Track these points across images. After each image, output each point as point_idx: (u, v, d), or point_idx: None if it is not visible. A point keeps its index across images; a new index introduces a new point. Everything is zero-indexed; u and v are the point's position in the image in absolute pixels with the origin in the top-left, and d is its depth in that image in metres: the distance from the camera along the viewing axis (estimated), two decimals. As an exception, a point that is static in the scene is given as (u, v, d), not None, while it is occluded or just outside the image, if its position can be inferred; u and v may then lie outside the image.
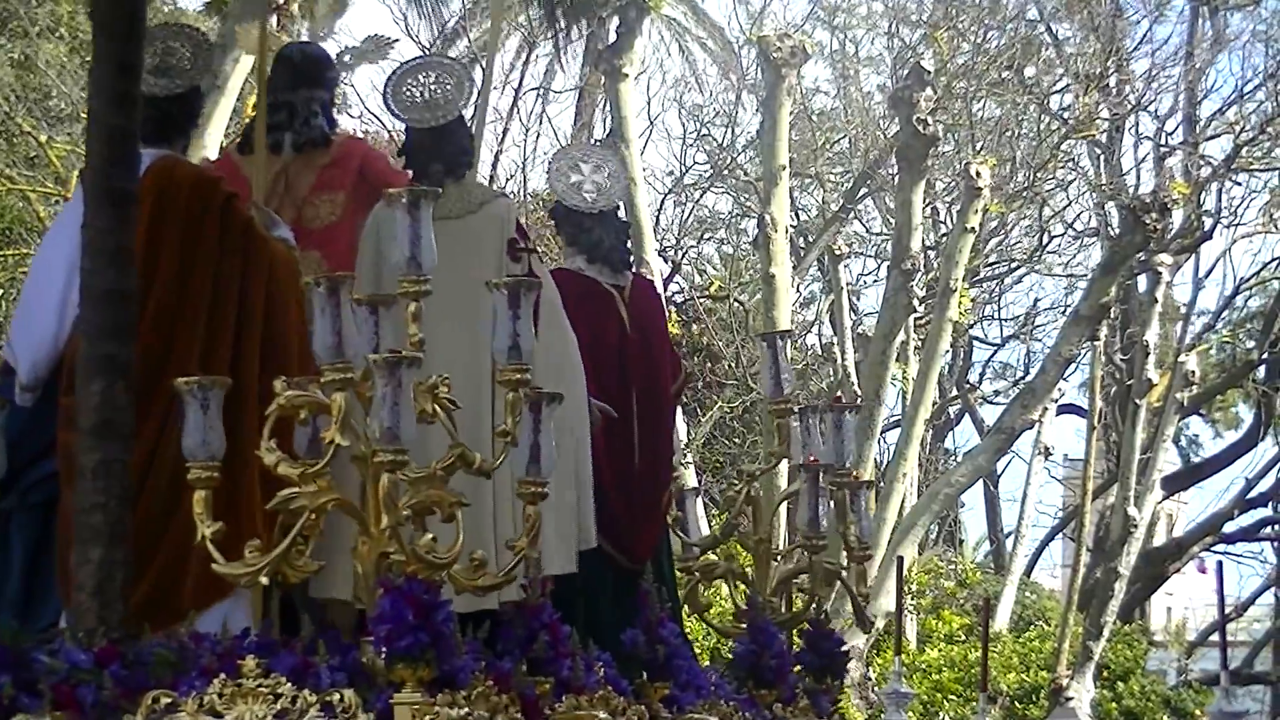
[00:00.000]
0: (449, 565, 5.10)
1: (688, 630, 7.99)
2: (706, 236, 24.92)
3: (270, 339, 5.89)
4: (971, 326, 26.26)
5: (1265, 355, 25.15)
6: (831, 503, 7.35)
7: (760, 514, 7.44)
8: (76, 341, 5.68)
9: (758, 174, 20.30)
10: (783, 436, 7.41)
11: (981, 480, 23.17)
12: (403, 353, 5.11)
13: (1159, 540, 26.11)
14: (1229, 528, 26.55)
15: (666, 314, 8.39)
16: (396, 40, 7.25)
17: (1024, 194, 23.32)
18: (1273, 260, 25.90)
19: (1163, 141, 24.12)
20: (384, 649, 4.89)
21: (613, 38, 18.03)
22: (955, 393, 27.06)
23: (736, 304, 23.21)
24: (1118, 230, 20.32)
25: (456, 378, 5.35)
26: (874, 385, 17.45)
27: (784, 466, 8.62)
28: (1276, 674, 25.78)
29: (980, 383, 28.56)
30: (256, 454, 5.27)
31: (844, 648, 7.26)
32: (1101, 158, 24.08)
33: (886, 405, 19.62)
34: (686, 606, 7.68)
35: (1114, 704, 21.67)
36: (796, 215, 23.97)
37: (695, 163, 24.19)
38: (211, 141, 12.99)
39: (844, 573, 7.53)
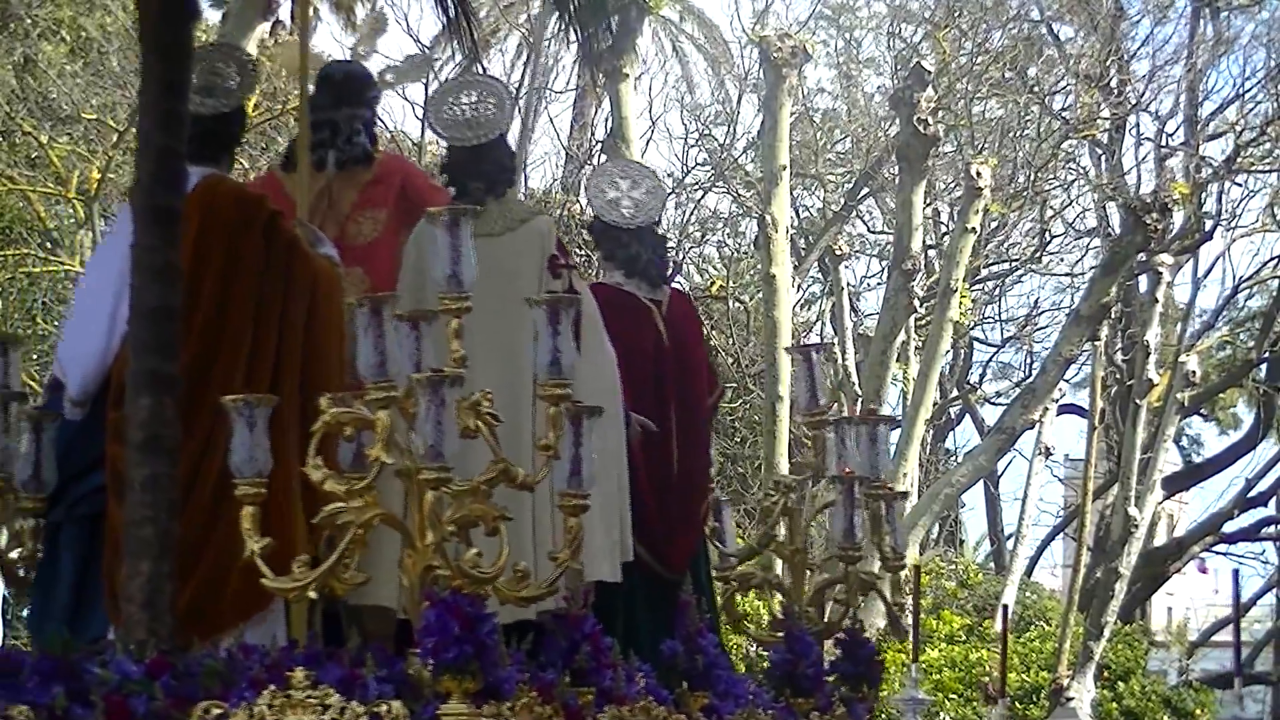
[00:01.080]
0: (494, 579, 5.22)
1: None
2: (707, 237, 24.91)
3: (312, 355, 6.01)
4: (972, 327, 26.28)
5: (1265, 355, 25.15)
6: (866, 514, 7.44)
7: (796, 525, 7.54)
8: (124, 357, 5.81)
9: (759, 174, 20.29)
10: (818, 448, 7.52)
11: (982, 480, 23.19)
12: (445, 371, 5.22)
13: (1160, 540, 26.15)
14: (1229, 528, 26.58)
15: (703, 327, 8.53)
16: (436, 59, 7.42)
17: (1025, 194, 23.32)
18: (1272, 259, 25.90)
19: (1163, 142, 24.14)
20: (430, 661, 4.99)
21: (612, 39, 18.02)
22: (956, 393, 27.08)
23: (737, 304, 23.21)
24: (1118, 230, 20.38)
25: (496, 393, 5.44)
26: (874, 385, 17.48)
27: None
28: (1277, 674, 25.76)
29: (981, 383, 28.59)
30: (298, 469, 5.39)
31: (879, 657, 7.34)
32: (1102, 158, 24.10)
33: (887, 405, 19.64)
34: (724, 616, 7.80)
35: (1114, 704, 21.70)
36: (798, 215, 23.98)
37: (696, 163, 24.19)
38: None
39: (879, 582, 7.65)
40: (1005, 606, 12.33)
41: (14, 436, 5.98)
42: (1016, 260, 25.72)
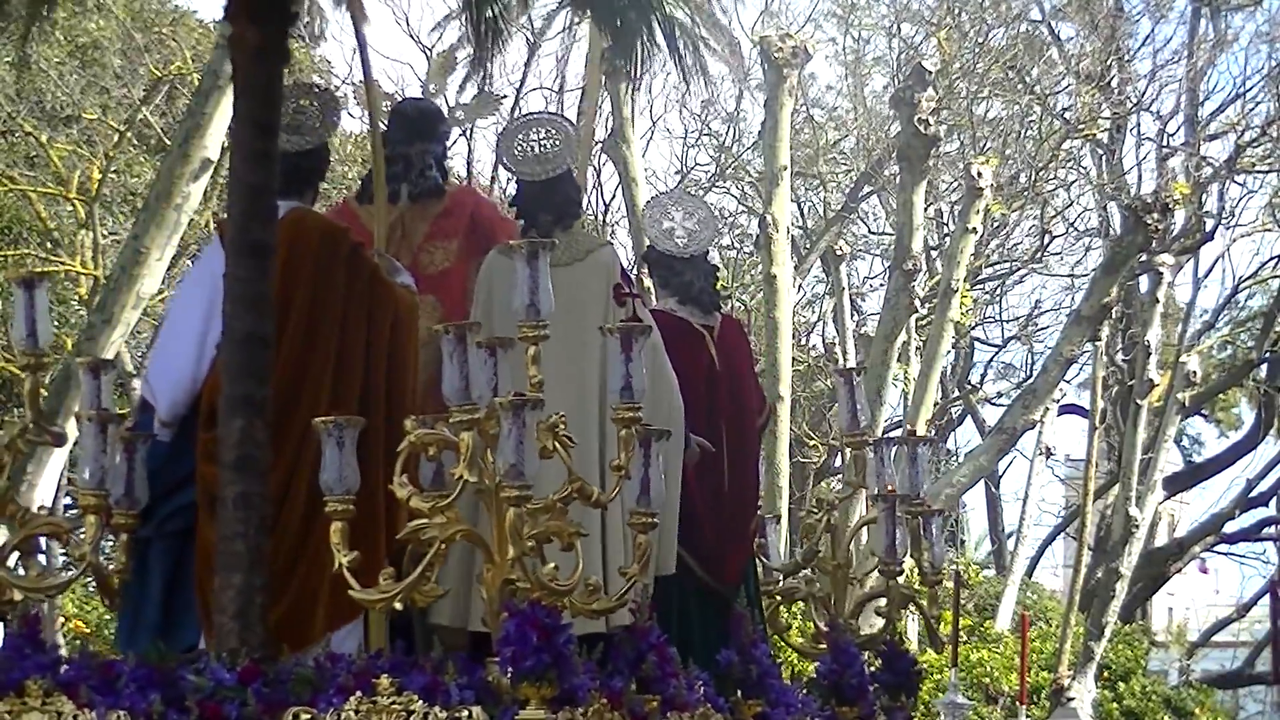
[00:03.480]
0: (570, 592, 5.53)
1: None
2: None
3: (393, 379, 6.37)
4: (973, 327, 26.35)
5: (1266, 355, 25.17)
6: (907, 530, 7.72)
7: (838, 541, 7.83)
8: (213, 380, 6.22)
9: (760, 174, 20.31)
10: (859, 467, 7.78)
11: (983, 480, 23.20)
12: (527, 395, 5.58)
13: (1160, 540, 26.24)
14: (1230, 528, 26.65)
15: (752, 351, 9.03)
16: (504, 97, 7.63)
17: (1025, 194, 23.35)
18: (1272, 259, 25.93)
19: (1164, 142, 24.20)
20: (509, 668, 5.28)
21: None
22: (957, 393, 27.12)
23: (739, 304, 23.22)
24: (1119, 230, 20.42)
25: (566, 416, 5.77)
26: (875, 385, 17.46)
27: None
28: (1276, 675, 25.75)
29: (982, 383, 28.66)
30: (380, 487, 5.73)
31: (917, 667, 7.64)
32: (1103, 158, 24.16)
33: (888, 405, 19.64)
34: (768, 628, 8.10)
35: (1115, 704, 21.72)
36: (801, 215, 24.00)
37: (696, 163, 24.21)
38: (213, 141, 13.00)
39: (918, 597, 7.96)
40: (1024, 617, 12.39)
41: (111, 456, 6.28)
42: (1017, 260, 25.79)
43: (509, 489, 5.45)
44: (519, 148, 7.21)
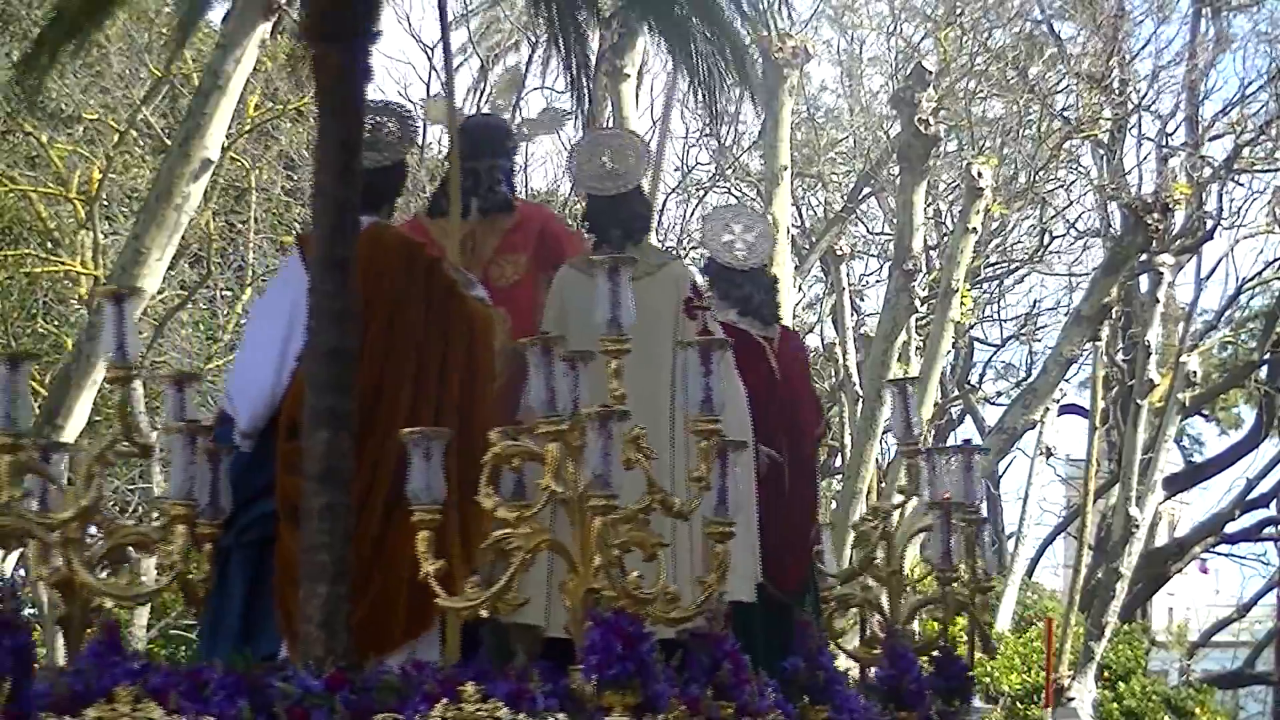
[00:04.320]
0: (655, 600, 5.62)
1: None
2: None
3: (471, 392, 6.47)
4: (973, 327, 26.38)
5: (1267, 355, 25.20)
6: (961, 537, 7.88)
7: (892, 548, 7.92)
8: (293, 392, 6.33)
9: (760, 173, 20.32)
10: (912, 476, 7.89)
11: (983, 480, 23.16)
12: (612, 407, 5.68)
13: (1160, 540, 26.26)
14: (1230, 528, 26.70)
15: (809, 362, 9.25)
16: (570, 114, 7.79)
17: (1026, 194, 23.37)
18: (1275, 260, 25.96)
19: (1165, 142, 24.24)
20: (594, 676, 5.38)
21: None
22: (957, 393, 27.12)
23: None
24: (1119, 230, 20.48)
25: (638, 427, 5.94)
26: (875, 385, 17.48)
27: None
28: (1278, 674, 25.79)
29: (982, 383, 28.68)
30: (457, 497, 5.84)
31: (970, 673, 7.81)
32: (1103, 158, 24.16)
33: (888, 405, 19.62)
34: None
35: (1115, 704, 21.74)
36: (800, 215, 24.01)
37: (698, 162, 24.22)
38: (213, 141, 13.02)
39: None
40: (1049, 620, 12.45)
41: (199, 467, 6.40)
42: (1017, 260, 25.79)
43: (595, 499, 5.55)
44: (589, 164, 7.34)
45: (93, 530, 6.32)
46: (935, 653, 7.67)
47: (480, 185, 7.42)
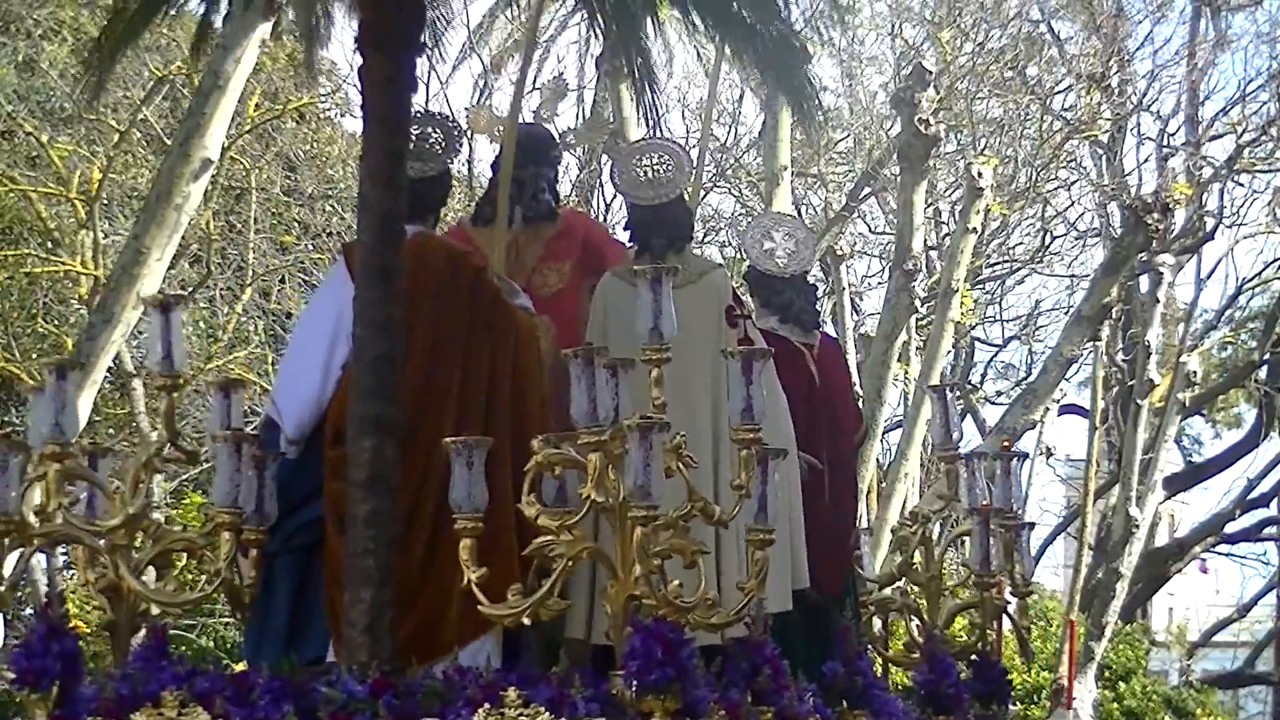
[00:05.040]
0: (695, 608, 5.72)
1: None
2: (709, 238, 24.97)
3: (517, 400, 6.55)
4: (973, 327, 26.37)
5: (1267, 355, 25.22)
6: (1000, 543, 7.95)
7: (931, 553, 8.00)
8: (339, 399, 6.43)
9: (760, 174, 20.34)
10: (951, 481, 7.96)
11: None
12: (653, 417, 5.76)
13: (1161, 540, 26.27)
14: (1231, 528, 26.71)
15: (849, 369, 9.31)
16: (614, 124, 7.83)
17: (1026, 194, 23.38)
18: (1275, 260, 25.95)
19: (1165, 142, 24.26)
20: (634, 682, 5.49)
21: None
22: (957, 393, 27.06)
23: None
24: (1120, 230, 20.49)
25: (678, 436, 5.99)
26: (876, 385, 17.53)
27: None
28: (1278, 675, 25.82)
29: (982, 383, 28.65)
30: (504, 505, 5.93)
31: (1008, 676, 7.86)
32: (1104, 158, 24.18)
33: (888, 405, 19.67)
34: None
35: (1115, 704, 21.75)
36: (800, 215, 24.00)
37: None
38: (213, 141, 13.04)
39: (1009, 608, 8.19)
40: (1071, 623, 12.51)
41: (244, 473, 6.47)
42: (1018, 260, 25.79)
43: (636, 508, 5.62)
44: (633, 172, 7.37)
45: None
46: (974, 657, 7.70)
47: (524, 193, 7.45)
